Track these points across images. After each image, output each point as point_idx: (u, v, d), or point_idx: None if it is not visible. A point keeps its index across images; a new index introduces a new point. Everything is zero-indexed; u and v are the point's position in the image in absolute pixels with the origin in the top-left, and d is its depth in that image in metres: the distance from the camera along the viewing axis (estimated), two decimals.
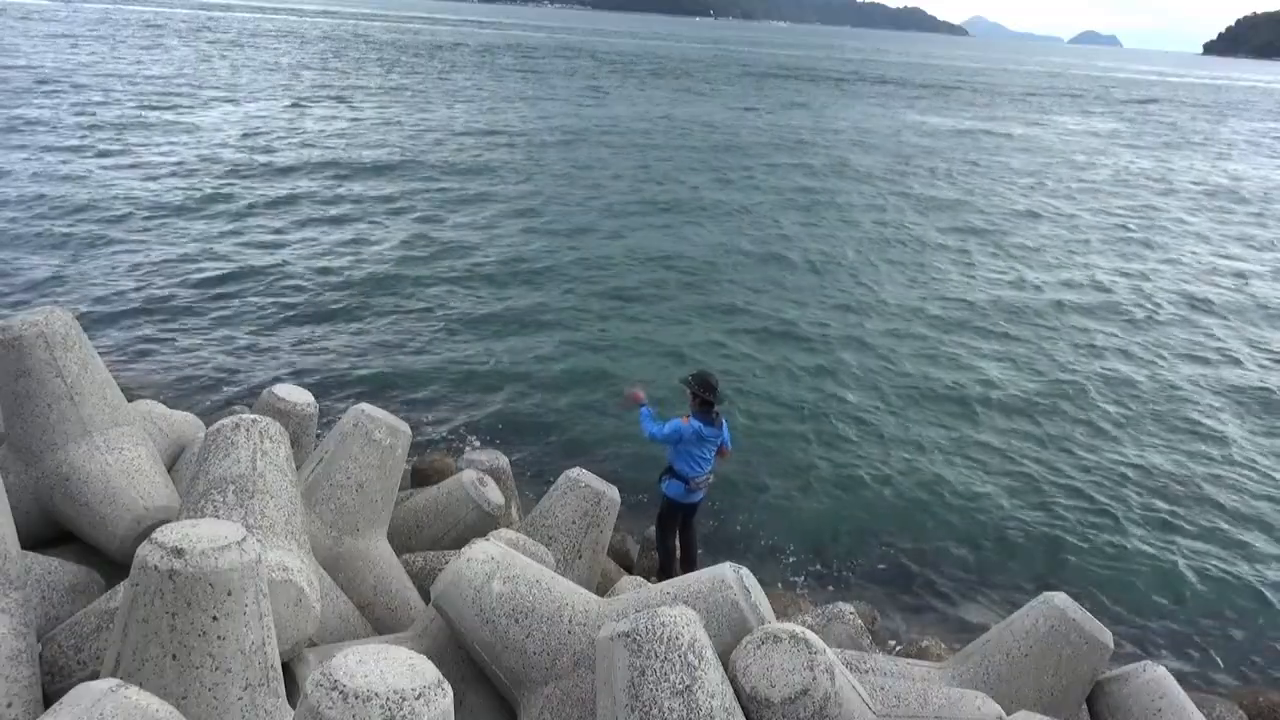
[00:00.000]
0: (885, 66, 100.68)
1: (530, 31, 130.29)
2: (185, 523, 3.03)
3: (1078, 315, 15.08)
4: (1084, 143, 39.83)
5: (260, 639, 2.98)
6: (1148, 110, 63.11)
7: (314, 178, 21.21)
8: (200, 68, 42.32)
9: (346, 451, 4.75)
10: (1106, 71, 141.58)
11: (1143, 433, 10.83)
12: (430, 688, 2.28)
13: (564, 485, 5.47)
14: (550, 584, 3.85)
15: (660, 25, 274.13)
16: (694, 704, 3.07)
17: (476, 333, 12.37)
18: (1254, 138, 48.54)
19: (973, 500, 9.00)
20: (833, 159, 29.83)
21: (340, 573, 4.64)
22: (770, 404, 10.88)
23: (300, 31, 79.46)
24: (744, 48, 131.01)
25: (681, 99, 46.98)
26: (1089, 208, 24.68)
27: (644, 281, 15.34)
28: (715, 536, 7.96)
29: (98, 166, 20.10)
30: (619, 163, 26.54)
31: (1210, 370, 13.17)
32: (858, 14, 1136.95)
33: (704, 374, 6.47)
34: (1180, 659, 7.02)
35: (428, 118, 32.56)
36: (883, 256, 17.99)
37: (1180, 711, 4.42)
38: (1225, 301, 16.75)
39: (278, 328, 11.90)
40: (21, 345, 4.47)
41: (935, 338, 13.46)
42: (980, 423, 10.73)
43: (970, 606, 7.41)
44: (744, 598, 3.70)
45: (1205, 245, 21.42)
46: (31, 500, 4.54)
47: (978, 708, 3.85)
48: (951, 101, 58.21)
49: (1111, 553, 8.31)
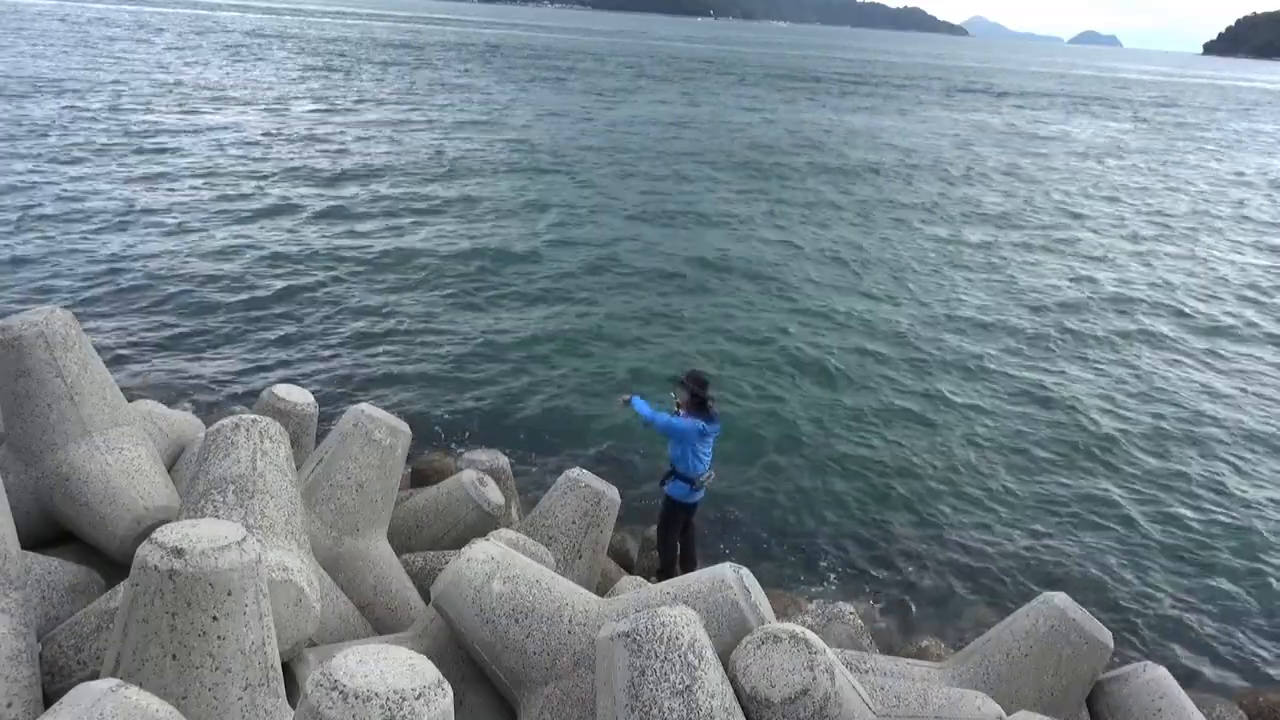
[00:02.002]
0: (907, 68, 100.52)
1: (534, 32, 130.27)
2: (185, 523, 3.03)
3: (1079, 316, 15.09)
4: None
5: (260, 639, 2.98)
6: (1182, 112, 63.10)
7: (314, 178, 21.20)
8: (200, 68, 42.33)
9: (346, 451, 4.75)
10: (1116, 72, 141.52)
11: (1143, 433, 10.82)
12: (430, 688, 2.28)
13: (564, 485, 5.47)
14: (550, 584, 3.84)
15: (661, 26, 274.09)
16: (694, 704, 3.07)
17: (477, 333, 12.37)
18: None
19: (973, 500, 9.00)
20: (868, 163, 29.85)
21: (340, 573, 4.64)
22: (771, 405, 10.88)
23: (299, 33, 79.45)
24: (748, 49, 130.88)
25: (703, 100, 46.99)
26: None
27: (646, 283, 15.34)
28: (715, 536, 7.96)
29: (98, 167, 20.09)
30: (627, 166, 26.55)
31: (1214, 374, 13.17)
32: (858, 14, 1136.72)
33: (695, 372, 6.57)
34: (1180, 659, 7.01)
35: (427, 119, 32.55)
36: (890, 259, 18.00)
37: (1180, 711, 4.42)
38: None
39: (278, 328, 11.89)
40: (21, 345, 4.47)
41: (935, 340, 13.46)
42: (981, 424, 10.72)
43: (970, 606, 7.41)
44: (744, 598, 3.70)
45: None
46: (31, 500, 4.54)
47: (978, 708, 3.85)
48: (991, 102, 58.19)
49: (1111, 553, 8.31)
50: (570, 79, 54.28)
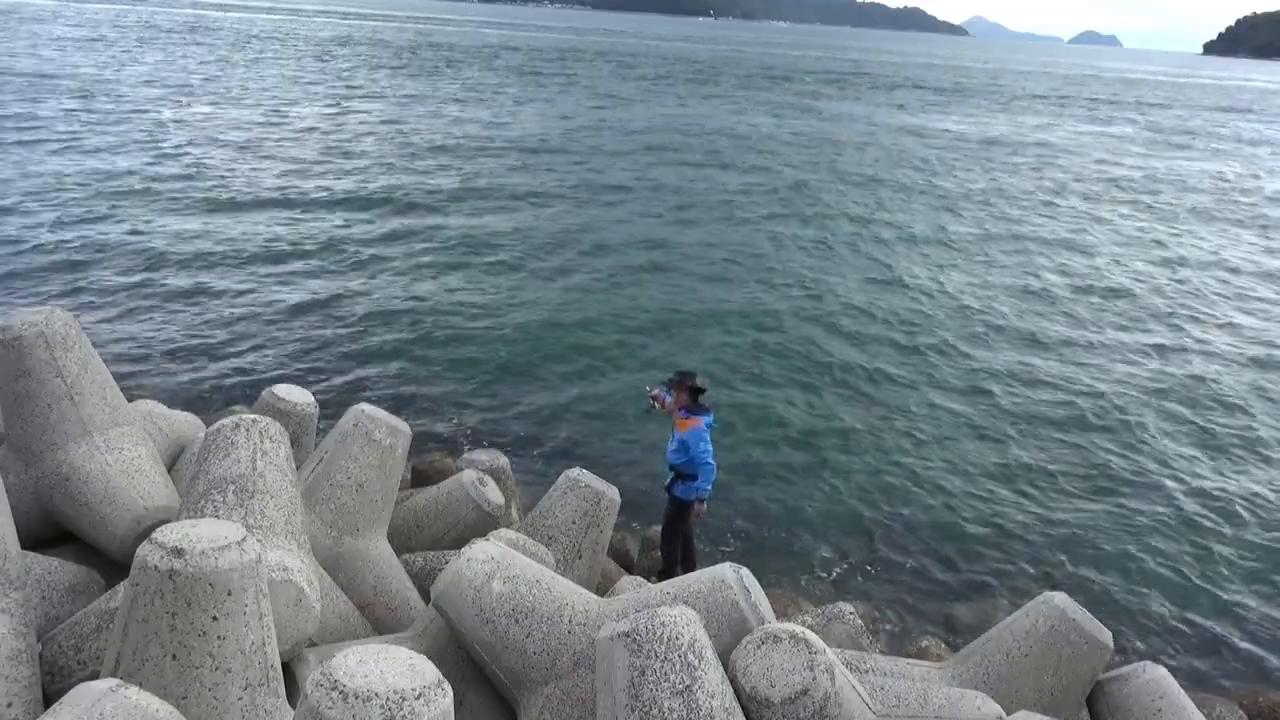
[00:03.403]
0: (926, 70, 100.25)
1: (537, 33, 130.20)
2: (185, 523, 3.03)
3: (1081, 318, 15.08)
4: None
5: (260, 639, 2.98)
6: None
7: (314, 178, 21.20)
8: (200, 67, 42.32)
9: (346, 451, 4.75)
10: (1120, 73, 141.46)
11: (1143, 434, 10.82)
12: (430, 688, 2.27)
13: (564, 485, 5.47)
14: (550, 584, 3.84)
15: (662, 26, 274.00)
16: (694, 704, 3.07)
17: (477, 333, 12.37)
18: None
19: (973, 500, 9.00)
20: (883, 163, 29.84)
21: (340, 573, 4.63)
22: (771, 405, 10.88)
23: (298, 33, 79.45)
24: (752, 49, 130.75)
25: (707, 102, 46.99)
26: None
27: (647, 282, 15.34)
28: (715, 536, 7.96)
29: (98, 168, 20.09)
30: (632, 167, 26.54)
31: (1217, 376, 13.16)
32: (857, 14, 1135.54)
33: (685, 371, 6.61)
34: (1180, 659, 7.01)
35: (429, 119, 32.56)
36: (895, 258, 18.00)
37: (1180, 711, 4.42)
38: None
39: (278, 328, 11.89)
40: (21, 345, 4.46)
41: (936, 341, 13.45)
42: (981, 424, 10.72)
43: (970, 606, 7.41)
44: (744, 598, 3.70)
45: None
46: (31, 500, 4.54)
47: (978, 708, 3.85)
48: (1010, 106, 58.17)
49: (1112, 553, 8.30)
50: (569, 79, 54.26)
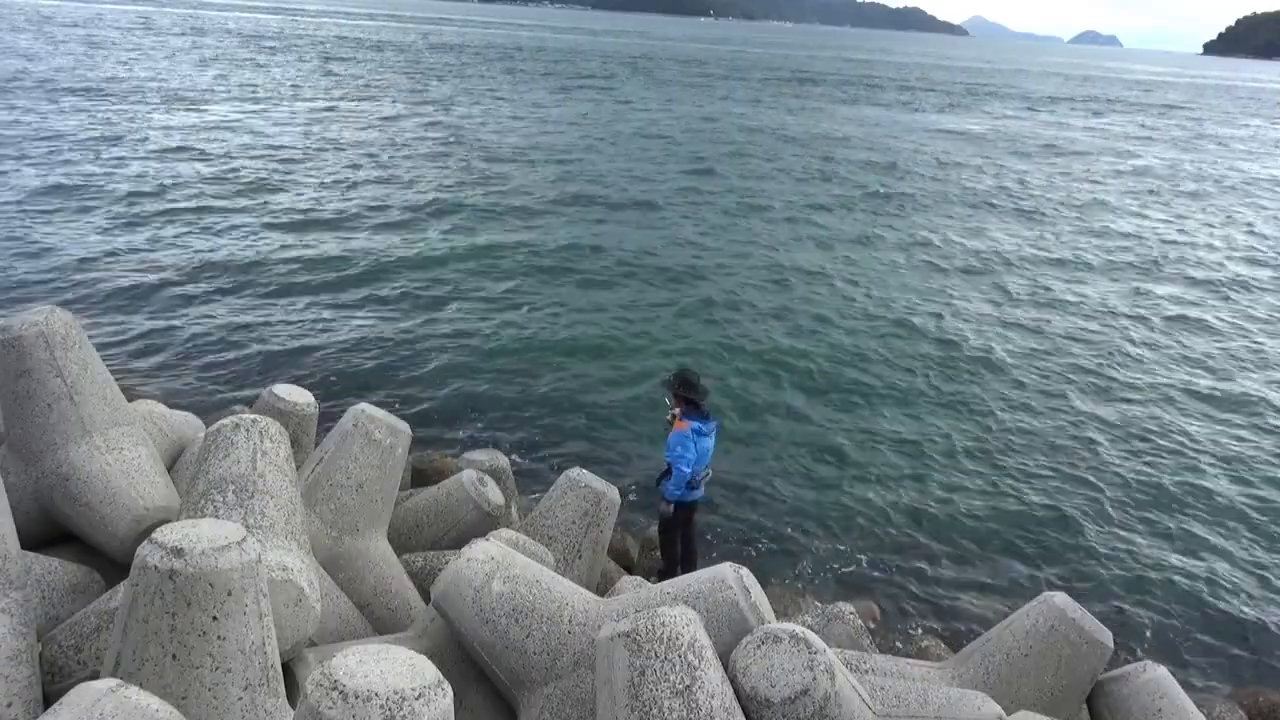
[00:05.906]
0: (936, 70, 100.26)
1: (538, 32, 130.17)
2: (185, 523, 3.03)
3: (1084, 317, 15.08)
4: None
5: (260, 639, 2.98)
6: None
7: (315, 178, 21.20)
8: (198, 70, 42.32)
9: (346, 451, 4.75)
10: (1122, 73, 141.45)
11: (1143, 434, 10.82)
12: (430, 688, 2.28)
13: (564, 485, 5.47)
14: (550, 584, 3.84)
15: (661, 26, 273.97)
16: (694, 704, 3.07)
17: (477, 333, 12.37)
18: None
19: (973, 500, 9.00)
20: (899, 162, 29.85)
21: (340, 573, 4.63)
22: (771, 405, 10.88)
23: (295, 33, 79.44)
24: (755, 49, 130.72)
25: (719, 102, 46.99)
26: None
27: (648, 283, 15.34)
28: (715, 536, 7.96)
29: (97, 167, 20.09)
30: (628, 166, 26.54)
31: (1216, 376, 13.16)
32: (857, 14, 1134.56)
33: (683, 373, 6.57)
34: (1180, 659, 7.01)
35: (431, 119, 32.55)
36: (897, 262, 18.00)
37: (1180, 711, 4.42)
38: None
39: (278, 328, 11.89)
40: (21, 345, 4.46)
41: (936, 342, 13.45)
42: (981, 424, 10.72)
43: (970, 606, 7.41)
44: (744, 598, 3.70)
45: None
46: (31, 500, 4.54)
47: (978, 708, 3.85)
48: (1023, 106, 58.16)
49: (1111, 553, 8.30)
50: (571, 79, 54.26)
